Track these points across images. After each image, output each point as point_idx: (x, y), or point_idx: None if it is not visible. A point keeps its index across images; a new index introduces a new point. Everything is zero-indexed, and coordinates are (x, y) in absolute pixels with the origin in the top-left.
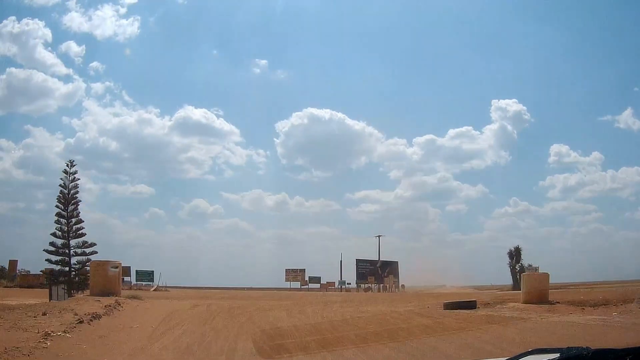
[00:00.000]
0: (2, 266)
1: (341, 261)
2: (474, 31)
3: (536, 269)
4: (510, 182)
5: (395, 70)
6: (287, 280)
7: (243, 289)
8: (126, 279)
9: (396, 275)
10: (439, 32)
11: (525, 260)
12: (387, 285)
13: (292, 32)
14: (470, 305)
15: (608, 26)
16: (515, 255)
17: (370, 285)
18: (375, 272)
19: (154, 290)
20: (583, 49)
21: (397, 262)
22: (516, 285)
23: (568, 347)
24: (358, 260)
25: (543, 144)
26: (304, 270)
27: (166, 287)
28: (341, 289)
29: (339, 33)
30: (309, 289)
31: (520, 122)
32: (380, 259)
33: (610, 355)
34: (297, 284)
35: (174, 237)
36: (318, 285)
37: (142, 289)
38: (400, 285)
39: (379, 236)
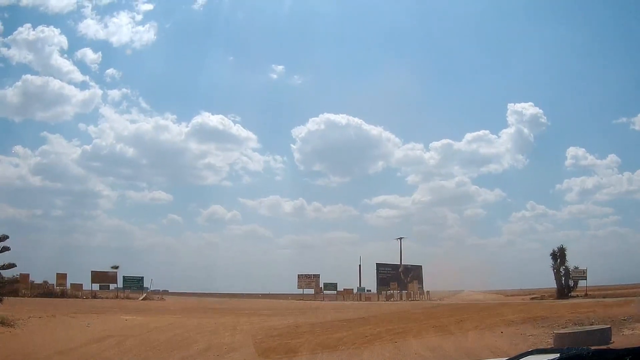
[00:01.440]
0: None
1: (360, 265)
2: (489, 35)
3: (584, 271)
4: (527, 186)
5: (412, 75)
6: (299, 287)
7: (258, 295)
8: (112, 286)
9: (420, 280)
10: (454, 36)
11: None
12: (412, 292)
13: (309, 37)
14: (602, 336)
15: (623, 28)
16: (559, 256)
17: (392, 291)
18: (398, 278)
19: (142, 299)
20: (598, 51)
21: (420, 266)
22: (562, 290)
23: (568, 347)
24: (378, 265)
25: (559, 147)
26: (318, 276)
27: (161, 294)
28: (360, 297)
29: (355, 39)
30: (324, 297)
31: (536, 125)
32: (403, 263)
33: (610, 355)
34: (311, 291)
35: (192, 243)
36: (335, 292)
37: (129, 298)
38: (425, 291)
39: (400, 238)
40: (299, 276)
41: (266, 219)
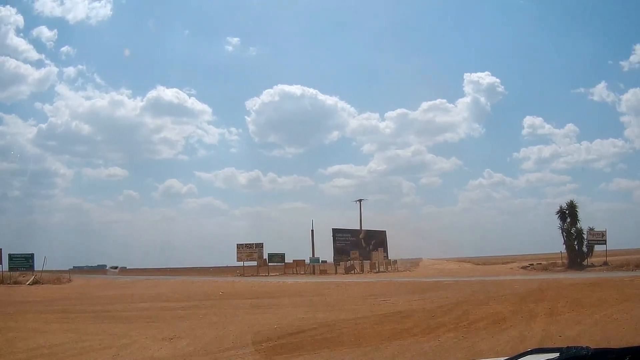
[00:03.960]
0: None
1: (312, 230)
2: (447, 3)
3: (602, 234)
4: (484, 155)
5: (367, 45)
6: (239, 259)
7: (209, 270)
8: None
9: (385, 248)
10: (411, 4)
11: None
12: (376, 262)
13: (265, 9)
14: None
15: None
16: (569, 215)
17: (352, 262)
18: (359, 245)
19: (30, 283)
20: (557, 21)
21: (384, 231)
22: (574, 258)
23: (568, 346)
24: (335, 231)
25: (517, 116)
26: (261, 245)
27: (70, 274)
28: (313, 270)
29: (310, 9)
30: (269, 270)
31: (493, 94)
32: (363, 229)
33: (610, 355)
34: (253, 263)
35: (149, 218)
36: (282, 264)
37: (17, 282)
38: (392, 261)
39: (360, 200)
40: (238, 246)
41: (222, 192)
